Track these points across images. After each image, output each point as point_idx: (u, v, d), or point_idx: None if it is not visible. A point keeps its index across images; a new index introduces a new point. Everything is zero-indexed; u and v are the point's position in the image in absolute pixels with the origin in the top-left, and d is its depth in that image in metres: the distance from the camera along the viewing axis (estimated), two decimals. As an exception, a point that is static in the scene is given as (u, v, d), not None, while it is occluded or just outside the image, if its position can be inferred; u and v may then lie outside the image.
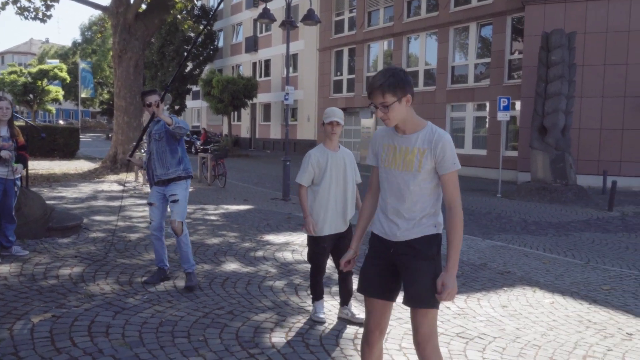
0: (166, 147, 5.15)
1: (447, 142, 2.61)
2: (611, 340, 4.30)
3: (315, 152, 4.35)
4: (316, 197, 4.29)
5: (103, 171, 16.82)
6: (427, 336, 2.65)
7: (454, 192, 2.63)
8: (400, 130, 2.71)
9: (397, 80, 2.59)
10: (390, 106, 2.60)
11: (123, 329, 4.03)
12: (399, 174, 2.70)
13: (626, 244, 8.94)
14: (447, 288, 2.53)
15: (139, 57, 17.54)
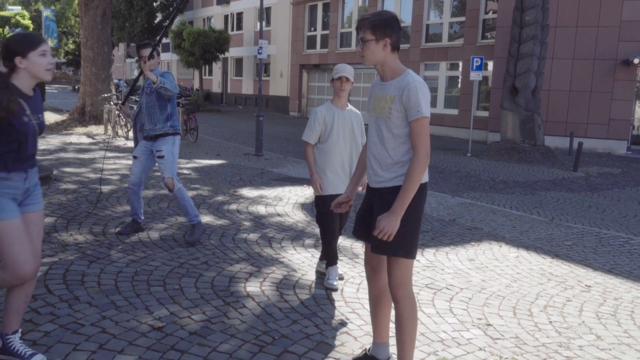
0: (155, 102, 5.06)
1: (413, 89, 2.60)
2: (571, 292, 4.52)
3: (321, 109, 4.17)
4: (322, 155, 4.16)
5: (71, 123, 16.44)
6: (399, 282, 2.74)
7: (417, 140, 2.61)
8: (381, 77, 2.77)
9: (381, 21, 2.64)
10: (366, 42, 2.67)
11: (98, 278, 4.06)
12: (375, 119, 2.78)
13: (589, 203, 9.26)
14: (379, 226, 2.60)
15: (107, 6, 16.93)
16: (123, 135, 14.13)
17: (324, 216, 4.18)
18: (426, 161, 2.60)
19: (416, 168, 2.59)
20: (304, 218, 6.48)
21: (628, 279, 4.96)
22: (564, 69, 18.17)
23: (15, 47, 2.64)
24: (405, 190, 2.60)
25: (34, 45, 2.66)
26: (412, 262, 2.78)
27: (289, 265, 4.68)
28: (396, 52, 2.73)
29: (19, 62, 2.64)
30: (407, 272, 2.76)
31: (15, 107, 2.60)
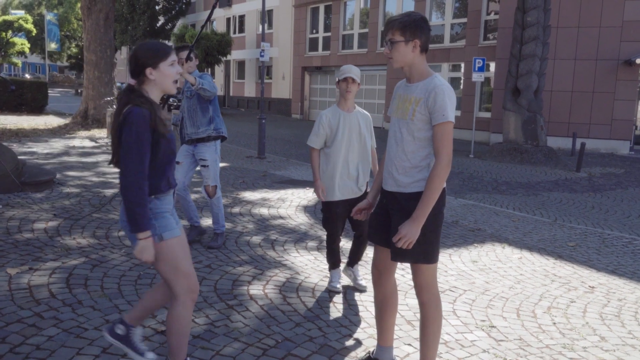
0: (197, 106, 4.99)
1: (440, 92, 2.55)
2: (574, 293, 4.51)
3: (327, 113, 4.05)
4: (327, 160, 4.05)
5: (74, 127, 16.48)
6: (423, 286, 2.74)
7: (440, 145, 2.57)
8: (408, 78, 2.74)
9: (411, 22, 2.60)
10: (395, 44, 2.63)
11: (101, 282, 4.07)
12: (397, 121, 2.75)
13: (592, 204, 9.23)
14: (399, 234, 2.57)
15: (109, 9, 16.99)
16: (126, 138, 14.15)
17: (329, 221, 4.13)
18: (448, 167, 2.56)
19: (438, 175, 2.55)
20: (307, 220, 6.48)
21: (632, 280, 4.94)
22: (566, 70, 18.14)
23: (146, 58, 2.52)
24: (426, 197, 2.56)
25: (165, 56, 2.54)
26: (434, 266, 2.76)
27: (292, 268, 4.68)
28: (424, 53, 2.68)
29: (149, 73, 2.52)
30: (431, 276, 2.75)
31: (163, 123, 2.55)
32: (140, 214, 2.40)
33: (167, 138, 2.54)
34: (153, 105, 2.50)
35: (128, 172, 2.40)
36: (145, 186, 2.43)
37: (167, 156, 2.56)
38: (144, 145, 2.42)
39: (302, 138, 18.81)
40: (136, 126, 2.40)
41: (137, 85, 2.55)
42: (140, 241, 2.44)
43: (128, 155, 2.40)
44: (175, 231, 2.59)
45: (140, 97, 2.50)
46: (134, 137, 2.40)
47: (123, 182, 2.41)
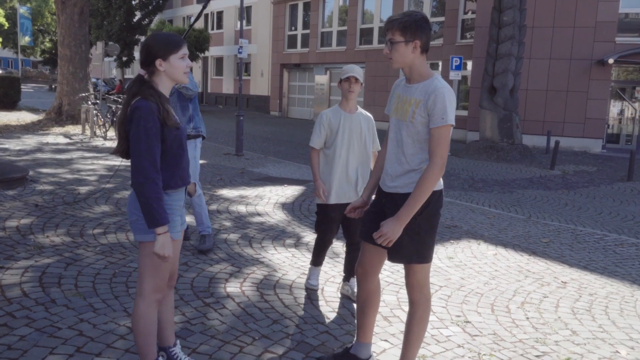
0: (177, 103, 4.86)
1: (440, 94, 2.51)
2: (547, 288, 4.59)
3: (327, 113, 3.91)
4: (325, 161, 3.92)
5: (47, 123, 16.19)
6: (414, 286, 2.75)
7: (437, 147, 2.53)
8: (407, 79, 2.69)
9: (411, 22, 2.54)
10: (395, 44, 2.58)
11: (76, 280, 4.02)
12: (396, 122, 2.72)
13: (565, 201, 9.40)
14: (380, 231, 2.56)
15: (84, 4, 16.71)
16: (101, 135, 13.97)
17: (322, 225, 4.01)
18: (441, 171, 2.53)
19: (430, 177, 2.51)
20: (285, 218, 6.48)
21: (602, 275, 5.05)
22: (541, 69, 18.42)
23: (157, 49, 2.48)
24: (414, 198, 2.53)
25: (176, 48, 2.49)
26: (428, 265, 2.75)
27: (270, 265, 4.68)
28: (425, 54, 2.63)
29: (159, 64, 2.48)
30: (424, 276, 2.75)
31: (172, 115, 2.52)
32: (156, 208, 2.37)
33: (176, 131, 2.51)
34: (161, 98, 2.48)
35: (140, 167, 2.37)
36: (159, 180, 2.40)
37: (177, 150, 2.53)
38: (154, 140, 2.39)
39: (281, 135, 18.79)
40: (144, 120, 2.37)
41: (147, 76, 2.52)
42: (159, 236, 2.40)
43: (138, 150, 2.38)
44: (176, 234, 2.57)
45: (150, 88, 2.47)
46: (142, 131, 2.37)
47: (136, 178, 2.37)
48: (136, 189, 2.39)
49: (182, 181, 2.58)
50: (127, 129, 2.44)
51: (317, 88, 27.44)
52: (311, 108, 28.21)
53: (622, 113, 19.14)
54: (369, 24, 24.69)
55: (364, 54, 24.35)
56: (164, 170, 2.48)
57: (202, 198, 5.14)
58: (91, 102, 14.61)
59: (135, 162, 2.39)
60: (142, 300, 2.58)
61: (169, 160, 2.50)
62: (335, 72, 26.66)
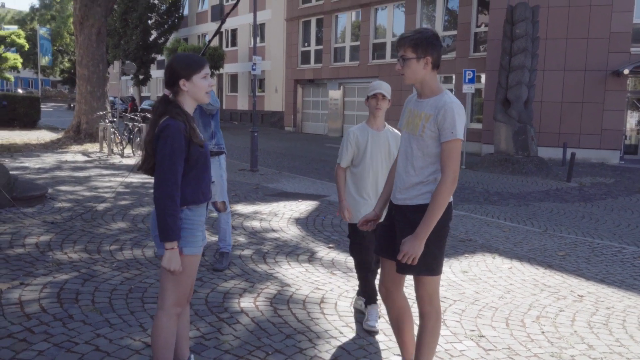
0: (199, 120, 4.90)
1: (449, 109, 2.58)
2: (563, 302, 4.55)
3: (355, 130, 3.82)
4: (354, 180, 3.81)
5: (66, 141, 16.46)
6: (424, 299, 2.78)
7: (447, 161, 2.59)
8: (419, 94, 2.77)
9: (422, 39, 2.62)
10: (407, 61, 2.65)
11: (93, 296, 4.07)
12: (407, 135, 2.78)
13: (582, 213, 9.31)
14: (402, 251, 2.62)
15: (102, 24, 17.05)
16: (118, 152, 14.16)
17: (356, 247, 3.84)
18: (453, 184, 2.58)
19: (443, 191, 2.57)
20: (299, 233, 6.51)
21: (620, 288, 4.99)
22: (556, 81, 18.34)
23: (180, 70, 2.58)
24: (430, 214, 2.58)
25: (199, 68, 2.60)
26: (438, 278, 2.79)
27: (283, 281, 4.70)
28: (436, 70, 2.70)
29: (183, 84, 2.58)
30: (433, 288, 2.79)
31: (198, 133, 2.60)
32: (170, 224, 2.45)
33: (201, 148, 2.59)
34: (188, 117, 2.58)
35: (161, 182, 2.46)
36: (177, 197, 2.49)
37: (202, 167, 2.62)
38: (178, 157, 2.49)
39: (295, 150, 18.88)
40: (171, 139, 2.47)
41: (172, 96, 2.61)
42: (168, 251, 2.49)
43: (162, 166, 2.47)
44: (197, 249, 2.63)
45: (176, 108, 2.57)
46: (168, 150, 2.46)
47: (156, 192, 2.48)
48: (156, 203, 2.48)
49: (204, 197, 2.65)
50: (154, 147, 2.53)
51: (331, 103, 27.58)
52: (325, 123, 28.34)
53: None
54: (382, 38, 24.83)
55: (377, 69, 24.45)
56: (188, 186, 2.56)
57: (229, 215, 5.18)
58: (108, 120, 14.84)
59: (159, 178, 2.48)
60: (164, 313, 2.63)
61: (193, 176, 2.58)
62: (348, 87, 26.80)
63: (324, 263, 5.30)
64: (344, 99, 27.13)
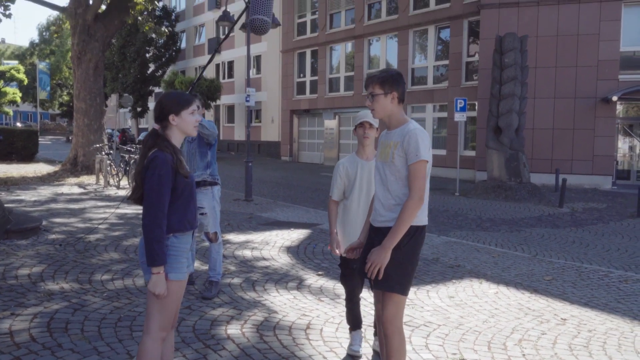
0: (197, 150, 5.13)
1: (412, 134, 2.88)
2: (546, 325, 4.62)
3: (344, 162, 3.81)
4: (344, 212, 3.79)
5: (63, 174, 16.62)
6: (390, 317, 2.93)
7: (413, 181, 2.86)
8: (388, 126, 3.06)
9: (388, 77, 2.97)
10: (376, 96, 2.97)
11: (82, 325, 4.15)
12: (381, 164, 3.04)
13: (573, 238, 9.40)
14: (369, 259, 2.84)
15: (99, 59, 17.40)
16: (114, 184, 14.29)
17: (346, 278, 3.83)
18: (419, 202, 2.83)
19: (408, 207, 2.82)
20: (289, 261, 6.60)
21: (603, 311, 5.07)
22: (547, 108, 18.62)
23: (170, 106, 2.78)
24: (397, 227, 2.82)
25: (187, 104, 2.80)
26: (404, 299, 2.97)
27: (271, 308, 4.78)
28: (401, 104, 3.01)
29: (172, 119, 2.78)
30: (399, 309, 2.96)
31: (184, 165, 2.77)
32: (156, 249, 2.62)
33: (187, 179, 2.76)
34: (175, 150, 2.77)
35: (149, 211, 2.64)
36: (164, 225, 2.66)
37: (187, 196, 2.78)
38: (165, 187, 2.66)
39: (291, 180, 19.02)
40: (159, 169, 2.65)
41: (161, 130, 2.80)
42: (154, 275, 2.64)
43: (150, 196, 2.64)
44: (181, 275, 2.77)
45: (164, 141, 2.76)
46: (156, 180, 2.64)
47: (144, 220, 2.64)
48: (143, 230, 2.64)
49: (190, 225, 2.80)
50: (143, 177, 2.70)
51: (327, 132, 27.87)
52: (321, 152, 28.57)
53: (632, 149, 19.16)
54: (376, 69, 25.20)
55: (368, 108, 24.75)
56: (174, 214, 2.72)
57: (221, 246, 5.30)
58: (105, 152, 15.02)
59: (147, 206, 2.65)
60: (149, 337, 2.74)
61: (179, 205, 2.74)
62: (344, 117, 27.11)
63: (312, 290, 5.38)
64: (339, 128, 27.42)
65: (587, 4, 17.98)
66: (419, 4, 22.97)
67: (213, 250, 5.25)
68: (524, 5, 18.63)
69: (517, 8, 18.73)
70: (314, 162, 28.98)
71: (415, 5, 23.07)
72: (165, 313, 2.74)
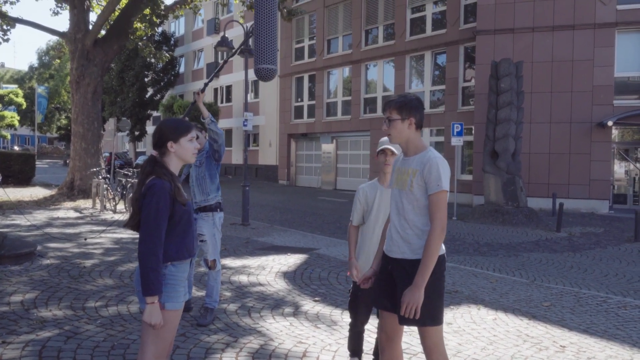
0: (206, 173, 5.09)
1: (434, 164, 2.81)
2: (545, 353, 4.57)
3: (365, 187, 3.80)
4: (361, 237, 3.75)
5: (59, 198, 16.56)
6: (432, 348, 2.88)
7: (435, 212, 2.78)
8: (405, 152, 3.00)
9: (406, 102, 2.91)
10: (393, 122, 2.91)
11: (74, 353, 4.08)
12: (397, 192, 2.97)
13: (571, 263, 9.36)
14: (404, 301, 2.74)
15: (98, 83, 17.49)
16: (110, 208, 14.24)
17: (351, 305, 3.78)
18: (442, 233, 2.74)
19: (433, 240, 2.74)
20: (286, 286, 6.54)
21: (602, 338, 5.02)
22: (543, 133, 18.72)
23: (169, 133, 2.77)
24: (425, 263, 2.74)
25: (186, 132, 2.79)
26: (441, 327, 2.90)
27: (267, 335, 4.72)
28: (420, 130, 2.96)
29: (170, 146, 2.76)
30: (438, 337, 2.89)
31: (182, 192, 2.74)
32: (152, 278, 2.56)
33: (185, 206, 2.73)
34: (173, 177, 2.73)
35: (145, 239, 2.59)
36: (160, 253, 2.61)
37: (185, 224, 2.74)
38: (163, 216, 2.62)
39: (288, 204, 18.99)
40: (157, 197, 2.61)
41: (159, 157, 2.77)
42: (149, 305, 2.58)
43: (147, 224, 2.60)
44: (178, 304, 2.72)
45: (162, 168, 2.73)
46: (153, 208, 2.60)
47: (140, 248, 2.59)
48: (139, 258, 2.59)
49: (189, 253, 2.76)
50: (140, 205, 2.66)
51: (324, 156, 27.94)
52: (319, 176, 28.59)
53: (628, 173, 19.22)
54: (373, 93, 25.42)
55: (369, 123, 24.92)
56: (172, 242, 2.68)
57: (219, 273, 5.18)
58: (102, 176, 15.00)
59: (143, 234, 2.60)
60: None
61: (177, 232, 2.70)
62: (341, 141, 27.22)
63: (309, 317, 5.32)
64: (336, 152, 27.50)
65: (582, 30, 18.22)
66: (416, 30, 23.25)
67: (211, 278, 5.16)
68: (519, 32, 18.85)
69: (512, 34, 18.96)
70: (311, 185, 28.98)
71: (412, 32, 23.35)
72: (160, 343, 2.69)
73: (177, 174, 2.82)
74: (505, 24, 18.99)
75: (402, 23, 23.53)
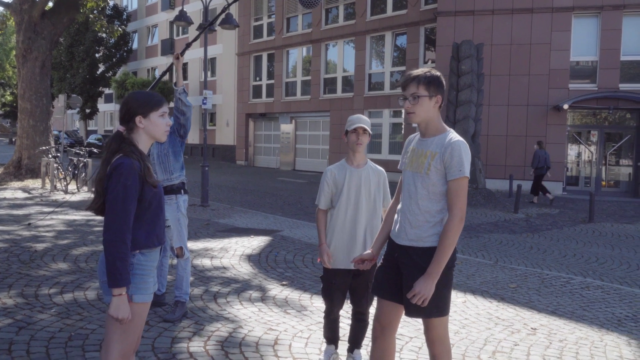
0: (169, 149, 4.59)
1: (456, 147, 2.58)
2: (517, 336, 4.55)
3: (332, 169, 3.58)
4: (331, 222, 3.55)
5: (5, 177, 15.77)
6: (435, 340, 2.75)
7: (455, 199, 2.57)
8: (422, 133, 2.75)
9: (435, 78, 2.66)
10: (420, 98, 2.64)
11: (28, 345, 3.79)
12: (411, 174, 2.74)
13: (530, 244, 9.50)
14: (414, 290, 2.56)
15: (46, 58, 16.62)
16: (62, 188, 13.63)
17: (327, 292, 3.59)
18: (461, 223, 2.56)
19: (452, 229, 2.55)
20: (251, 270, 6.34)
21: (571, 320, 5.05)
22: (500, 115, 18.98)
23: (137, 107, 2.47)
24: (441, 252, 2.56)
25: (157, 106, 2.50)
26: (447, 318, 2.76)
27: (235, 321, 4.52)
28: (439, 110, 2.72)
29: (139, 121, 2.46)
30: (443, 329, 2.76)
31: (152, 174, 2.44)
32: (119, 268, 2.29)
33: (155, 189, 2.46)
34: (142, 156, 2.45)
35: (112, 224, 2.31)
36: (129, 240, 2.34)
37: (156, 208, 2.47)
38: (131, 198, 2.34)
39: (247, 185, 18.69)
40: (124, 178, 2.33)
41: (127, 133, 2.48)
42: (115, 297, 2.31)
43: (113, 207, 2.32)
44: (147, 296, 2.47)
45: (130, 145, 2.44)
46: (121, 189, 2.32)
47: (106, 235, 2.31)
48: (105, 246, 2.32)
49: (158, 240, 2.51)
50: (106, 186, 2.38)
51: (283, 137, 27.65)
52: (277, 157, 28.31)
53: (580, 156, 19.75)
54: (333, 73, 25.20)
55: (329, 103, 24.73)
56: (141, 229, 2.42)
57: (188, 262, 4.76)
58: (52, 155, 14.32)
59: (109, 219, 2.33)
60: None
61: (147, 218, 2.44)
62: (300, 121, 26.96)
63: (278, 302, 5.15)
64: (295, 132, 27.25)
65: (540, 14, 18.44)
66: (376, 10, 23.08)
67: (179, 267, 4.72)
68: (480, 14, 18.94)
69: (472, 16, 19.03)
70: (270, 166, 28.68)
71: (372, 11, 23.17)
72: (127, 338, 2.44)
73: (147, 153, 2.55)
74: (465, 5, 19.03)
75: (362, 2, 23.32)
